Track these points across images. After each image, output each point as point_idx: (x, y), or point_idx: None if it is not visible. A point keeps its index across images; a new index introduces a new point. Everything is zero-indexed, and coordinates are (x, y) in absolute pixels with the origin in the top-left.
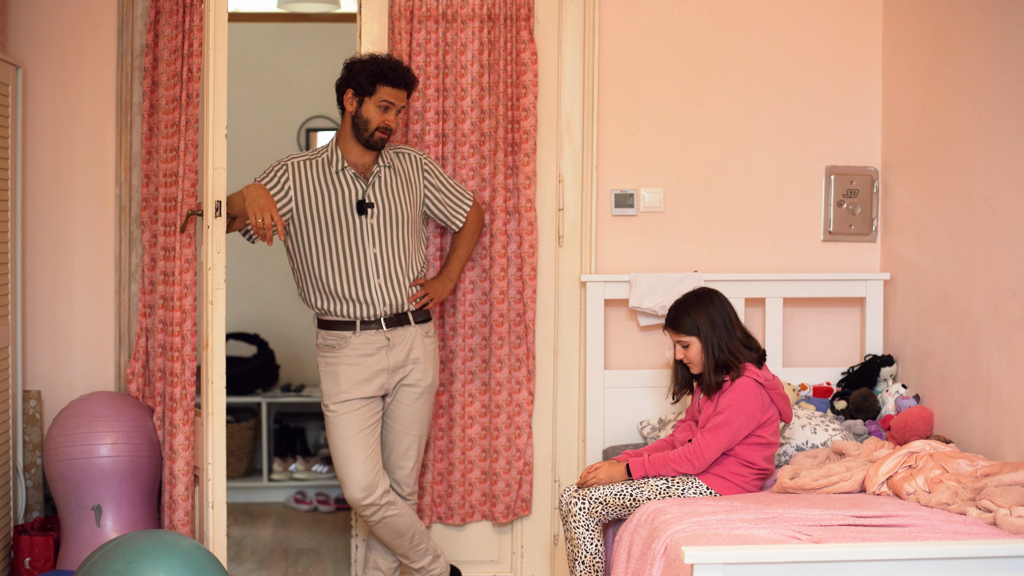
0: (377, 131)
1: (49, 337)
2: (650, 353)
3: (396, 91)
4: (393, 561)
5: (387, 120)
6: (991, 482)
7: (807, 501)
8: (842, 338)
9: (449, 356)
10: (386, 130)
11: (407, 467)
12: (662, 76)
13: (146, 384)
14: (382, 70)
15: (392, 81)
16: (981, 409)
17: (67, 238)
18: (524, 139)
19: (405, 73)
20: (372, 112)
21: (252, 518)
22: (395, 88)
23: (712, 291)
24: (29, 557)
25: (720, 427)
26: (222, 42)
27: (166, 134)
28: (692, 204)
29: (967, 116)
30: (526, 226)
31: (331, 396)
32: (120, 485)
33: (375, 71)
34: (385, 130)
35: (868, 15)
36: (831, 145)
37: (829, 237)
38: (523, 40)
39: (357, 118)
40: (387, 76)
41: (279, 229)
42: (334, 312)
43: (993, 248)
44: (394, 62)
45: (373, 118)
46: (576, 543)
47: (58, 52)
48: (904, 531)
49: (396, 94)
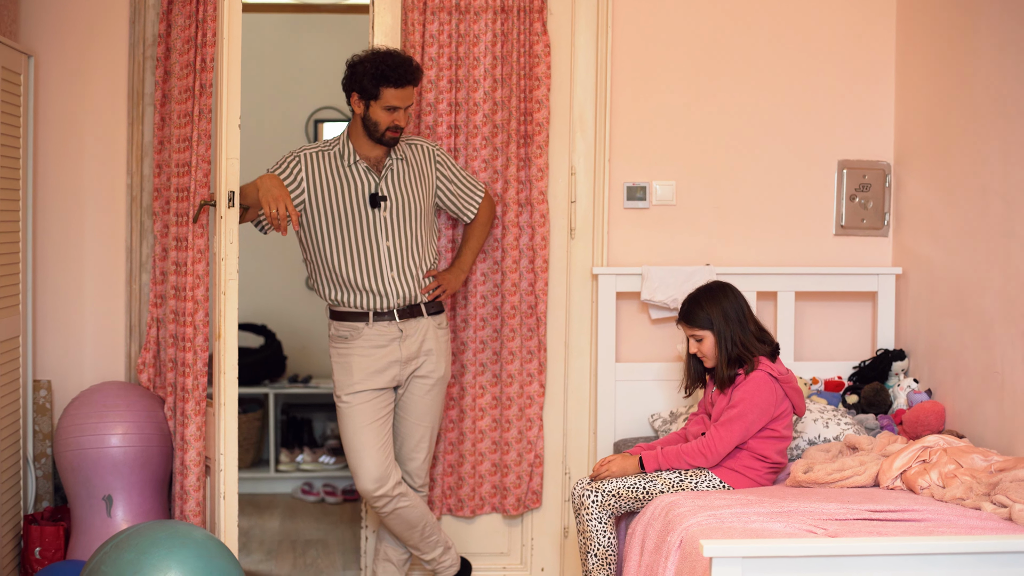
0: (388, 131)
1: (59, 327)
2: (662, 346)
3: (401, 91)
4: (404, 553)
5: (396, 119)
6: (1006, 477)
7: (821, 495)
8: (854, 332)
9: (460, 348)
10: (396, 129)
11: (419, 459)
12: (675, 69)
13: (157, 374)
14: (384, 72)
15: (395, 82)
16: (995, 404)
17: (78, 228)
18: (537, 131)
19: (408, 71)
20: (380, 115)
21: (259, 509)
22: (399, 88)
23: (725, 284)
24: (39, 547)
25: (734, 420)
26: (236, 32)
27: (178, 124)
28: (704, 197)
29: (980, 110)
30: (538, 218)
31: (343, 387)
32: (131, 475)
33: (378, 74)
34: (395, 129)
35: (882, 9)
36: (843, 139)
37: (841, 231)
38: (536, 32)
39: (366, 120)
40: (389, 78)
41: (293, 220)
42: (347, 303)
43: (1007, 242)
44: (396, 60)
45: (382, 120)
46: (589, 535)
47: (70, 41)
48: (919, 526)
49: (401, 94)
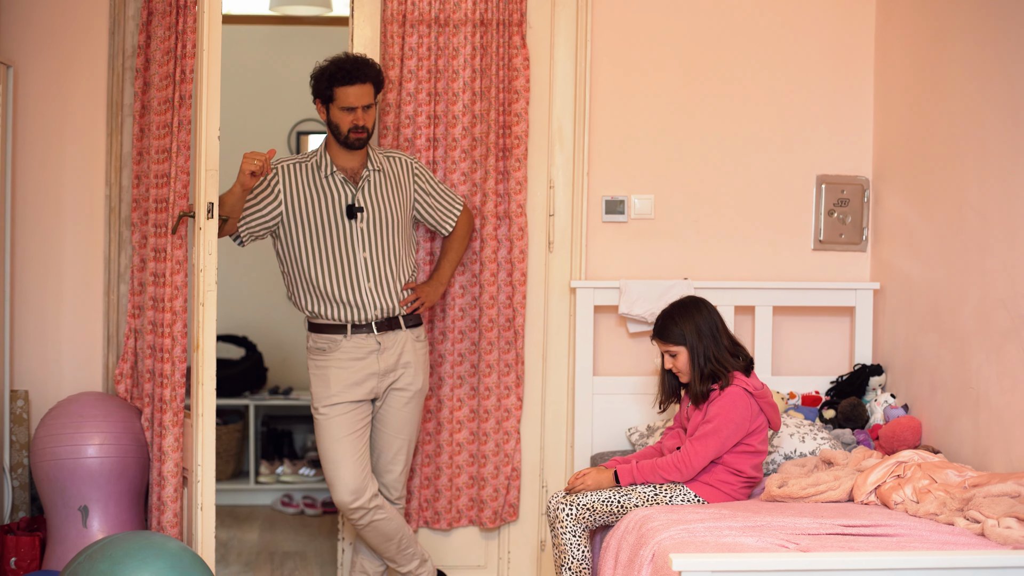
0: (351, 133)
1: (37, 337)
2: (639, 360)
3: (355, 88)
4: (380, 565)
5: (355, 120)
6: (979, 492)
7: (795, 510)
8: (831, 347)
9: (438, 360)
10: (359, 129)
11: (396, 471)
12: (654, 84)
13: (134, 385)
14: (334, 72)
15: (345, 80)
16: (970, 419)
17: (56, 238)
18: (515, 144)
19: (356, 68)
20: (339, 116)
21: (238, 520)
22: (352, 86)
23: (699, 300)
24: (15, 557)
25: (709, 435)
26: (216, 44)
27: (158, 135)
28: (683, 211)
29: (959, 126)
30: (516, 231)
31: (321, 399)
32: (107, 486)
33: (331, 74)
34: (358, 130)
35: (860, 24)
36: (822, 154)
37: (819, 246)
38: (515, 45)
39: (330, 125)
40: (338, 77)
41: (269, 155)
42: (325, 315)
43: (984, 258)
44: (349, 60)
45: (342, 122)
46: (563, 549)
47: (49, 52)
48: (892, 541)
49: (356, 92)
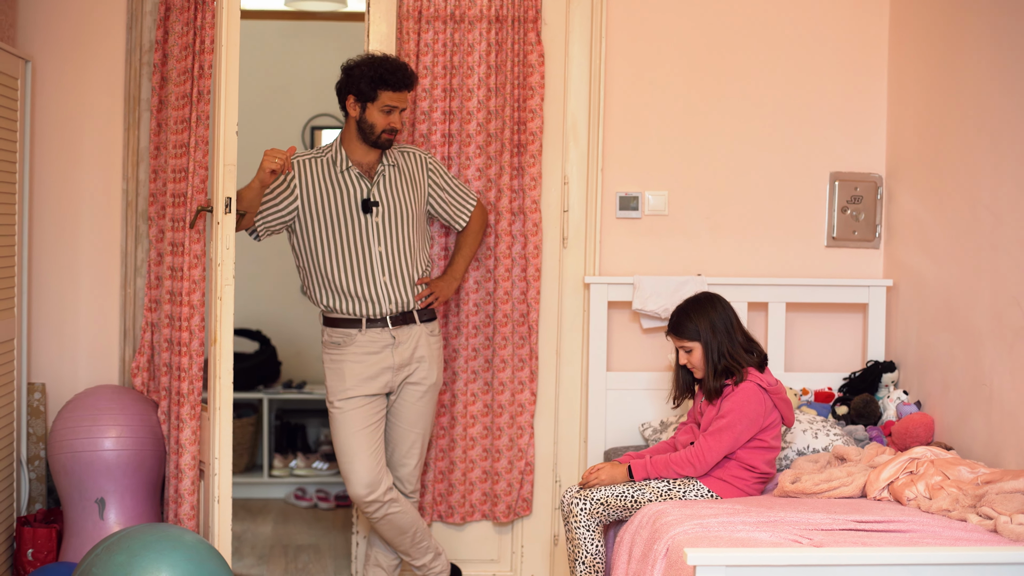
0: (384, 133)
1: (54, 330)
2: (652, 355)
3: (398, 94)
4: (395, 558)
5: (392, 122)
6: (992, 489)
7: (808, 505)
8: (844, 344)
9: (452, 355)
10: (392, 131)
11: (410, 465)
12: (668, 80)
13: (151, 378)
14: (382, 75)
15: (393, 85)
16: (983, 417)
17: (73, 232)
18: (530, 140)
19: (405, 76)
20: (376, 117)
21: (252, 514)
22: (396, 91)
23: (713, 295)
24: (32, 549)
25: (723, 431)
26: (234, 39)
27: (175, 130)
28: (696, 208)
29: (972, 124)
30: (531, 227)
31: (336, 393)
32: (124, 479)
33: (375, 77)
34: (391, 131)
35: (875, 22)
36: (836, 151)
37: (832, 243)
38: (530, 42)
39: (362, 123)
40: (388, 81)
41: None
42: (340, 309)
43: (997, 256)
44: (393, 65)
45: (378, 123)
46: (577, 543)
47: (67, 46)
48: (905, 536)
49: (398, 97)
